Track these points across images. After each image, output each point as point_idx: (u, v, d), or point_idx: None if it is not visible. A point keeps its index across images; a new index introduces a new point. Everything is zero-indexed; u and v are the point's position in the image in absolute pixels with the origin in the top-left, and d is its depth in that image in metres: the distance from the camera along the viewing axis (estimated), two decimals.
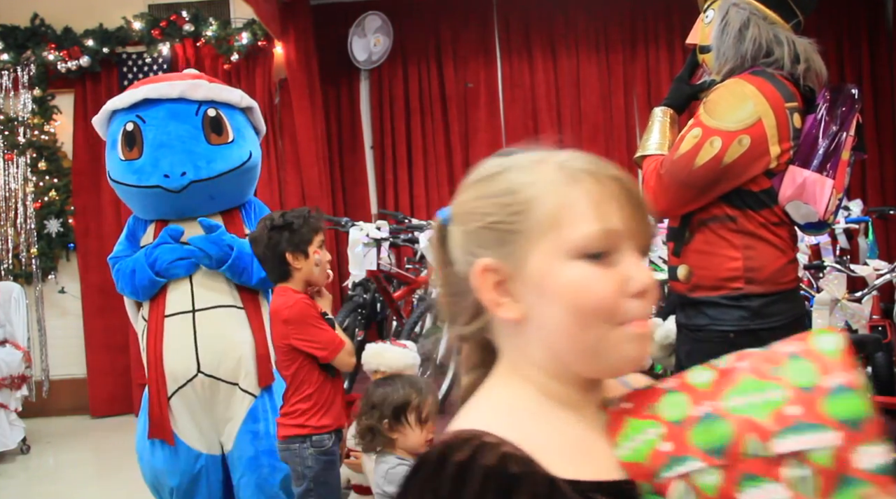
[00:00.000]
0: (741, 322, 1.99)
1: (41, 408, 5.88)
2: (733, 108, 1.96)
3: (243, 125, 3.13)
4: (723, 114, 1.97)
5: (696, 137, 1.97)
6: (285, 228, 2.49)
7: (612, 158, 5.44)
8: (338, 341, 2.49)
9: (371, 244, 4.32)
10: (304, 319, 2.46)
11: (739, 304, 1.99)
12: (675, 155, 2.01)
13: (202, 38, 5.96)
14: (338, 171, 6.64)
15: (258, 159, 3.18)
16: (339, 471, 2.59)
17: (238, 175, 3.06)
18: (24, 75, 5.98)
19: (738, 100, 1.97)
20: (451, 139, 6.64)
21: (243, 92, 3.21)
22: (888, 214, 5.35)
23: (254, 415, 2.98)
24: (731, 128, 1.94)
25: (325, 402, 2.51)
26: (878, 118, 6.35)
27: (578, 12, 6.59)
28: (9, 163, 6.00)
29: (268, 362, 2.98)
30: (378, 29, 6.54)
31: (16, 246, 6.01)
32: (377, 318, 4.72)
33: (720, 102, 1.99)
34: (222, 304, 2.99)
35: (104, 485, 4.68)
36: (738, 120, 1.94)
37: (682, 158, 1.98)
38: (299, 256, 2.50)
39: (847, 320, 3.16)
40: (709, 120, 1.98)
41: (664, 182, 2.03)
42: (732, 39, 2.04)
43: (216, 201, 3.08)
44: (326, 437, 2.49)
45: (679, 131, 2.15)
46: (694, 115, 2.05)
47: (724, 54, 2.05)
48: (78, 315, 6.12)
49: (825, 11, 6.35)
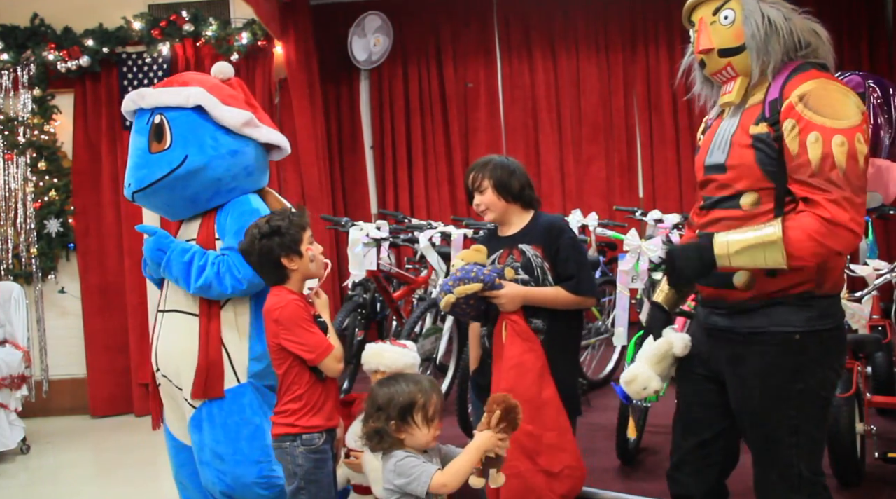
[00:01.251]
0: (808, 323, 1.96)
1: (41, 408, 5.89)
2: (844, 103, 1.89)
3: (192, 127, 2.96)
4: (840, 111, 1.88)
5: (842, 144, 1.85)
6: (274, 234, 2.51)
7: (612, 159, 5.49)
8: (325, 345, 2.48)
9: (371, 244, 4.32)
10: (293, 320, 2.47)
11: (807, 303, 1.96)
12: (840, 171, 1.85)
13: (202, 38, 5.96)
14: (338, 171, 6.64)
15: (201, 161, 2.93)
16: (331, 469, 2.59)
17: (175, 180, 2.93)
18: (24, 75, 5.98)
19: (841, 94, 1.90)
20: (451, 139, 6.65)
21: (199, 89, 3.01)
22: (888, 214, 5.33)
23: (195, 424, 2.96)
24: (856, 122, 1.87)
25: (315, 402, 2.52)
26: None
27: (578, 12, 6.59)
28: (9, 163, 6.00)
29: (210, 376, 2.89)
30: (378, 29, 6.54)
31: (16, 246, 6.01)
32: (377, 318, 4.72)
33: (832, 103, 1.89)
34: (179, 308, 3.00)
35: (104, 485, 4.68)
36: (856, 113, 1.88)
37: (851, 166, 1.85)
38: (293, 256, 2.52)
39: (847, 320, 3.15)
40: (834, 122, 1.86)
41: (856, 202, 1.86)
42: (777, 35, 1.99)
43: (181, 206, 3.05)
44: (317, 436, 2.50)
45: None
46: (803, 125, 1.89)
47: (769, 51, 1.99)
48: (78, 315, 6.13)
49: (825, 11, 6.36)
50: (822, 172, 1.86)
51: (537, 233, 2.71)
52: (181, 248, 2.93)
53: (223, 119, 2.99)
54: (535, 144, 6.63)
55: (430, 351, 4.34)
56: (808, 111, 1.88)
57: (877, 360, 3.70)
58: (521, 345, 2.58)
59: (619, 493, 3.12)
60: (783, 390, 1.97)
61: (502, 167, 2.74)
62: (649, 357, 2.17)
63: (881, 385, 3.68)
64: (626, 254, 3.84)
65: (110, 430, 5.76)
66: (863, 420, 3.08)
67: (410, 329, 4.21)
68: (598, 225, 5.06)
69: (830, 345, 2.00)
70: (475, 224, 4.65)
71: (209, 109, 2.98)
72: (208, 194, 3.00)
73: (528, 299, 2.61)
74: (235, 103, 3.06)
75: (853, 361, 3.12)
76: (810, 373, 1.97)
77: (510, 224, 2.77)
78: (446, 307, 2.60)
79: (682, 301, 2.39)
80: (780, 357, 1.97)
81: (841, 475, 2.99)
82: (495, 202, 2.72)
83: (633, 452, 3.41)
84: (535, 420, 2.50)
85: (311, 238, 2.58)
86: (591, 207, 5.73)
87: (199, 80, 3.10)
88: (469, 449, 2.12)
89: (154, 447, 5.31)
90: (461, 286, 2.55)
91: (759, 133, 1.96)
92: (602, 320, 4.83)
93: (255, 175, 3.10)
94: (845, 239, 1.86)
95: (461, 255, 2.70)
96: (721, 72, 2.08)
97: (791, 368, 1.97)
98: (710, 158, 2.11)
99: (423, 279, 4.93)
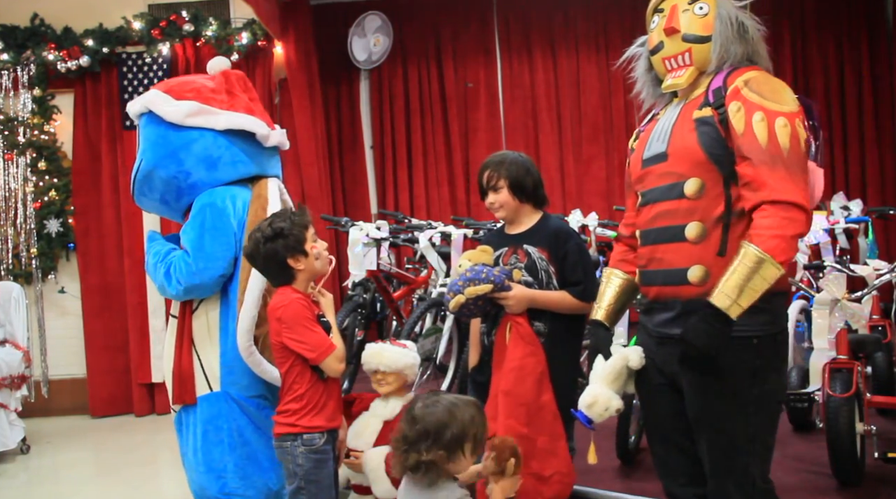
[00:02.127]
0: (763, 327, 1.91)
1: (41, 408, 5.89)
2: (784, 91, 1.93)
3: (145, 131, 2.98)
4: (781, 97, 1.92)
5: (784, 125, 1.87)
6: (278, 237, 2.49)
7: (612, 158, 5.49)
8: (327, 345, 2.47)
9: (371, 244, 4.32)
10: (296, 319, 2.46)
11: (764, 304, 1.86)
12: (784, 151, 1.86)
13: (202, 38, 5.96)
14: (338, 171, 6.64)
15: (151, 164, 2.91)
16: (332, 470, 2.58)
17: (140, 186, 2.99)
18: (24, 75, 5.99)
19: (780, 85, 1.95)
20: (451, 139, 6.65)
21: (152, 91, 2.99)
22: (888, 214, 5.35)
23: (177, 427, 2.96)
24: (795, 108, 1.91)
25: (317, 402, 2.51)
26: (877, 118, 6.35)
27: (578, 12, 6.59)
28: (9, 163, 6.00)
29: (182, 381, 2.85)
30: (378, 29, 6.54)
31: (16, 246, 6.01)
32: (377, 317, 4.72)
33: (776, 89, 1.93)
34: (174, 313, 3.00)
35: (104, 485, 4.68)
36: (794, 101, 1.92)
37: (794, 146, 1.86)
38: (299, 256, 2.51)
39: (847, 320, 3.15)
40: (776, 105, 1.90)
41: (800, 181, 1.85)
42: (739, 37, 2.02)
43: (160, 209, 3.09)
44: (318, 436, 2.50)
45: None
46: (748, 106, 1.91)
47: (730, 50, 2.01)
48: (78, 315, 6.13)
49: (825, 11, 6.36)
50: (768, 149, 1.87)
51: (544, 236, 2.71)
52: (154, 250, 2.93)
53: (167, 115, 2.91)
54: (535, 144, 6.63)
55: (430, 351, 4.34)
56: (753, 94, 1.91)
57: (877, 360, 3.70)
58: (523, 348, 2.57)
59: (619, 493, 3.12)
60: (741, 396, 1.92)
61: (518, 166, 2.74)
62: (605, 377, 2.12)
63: (881, 385, 3.68)
64: None
65: (110, 430, 5.76)
66: (863, 420, 3.08)
67: (410, 329, 4.20)
68: (598, 225, 5.06)
69: (781, 348, 1.98)
70: (475, 224, 4.66)
71: (154, 108, 2.94)
72: (172, 194, 2.97)
73: (534, 302, 2.61)
74: (194, 96, 2.95)
75: (853, 361, 3.12)
76: (766, 377, 1.93)
77: (519, 223, 2.77)
78: (455, 308, 2.59)
79: (621, 315, 2.36)
80: (738, 361, 1.91)
81: (841, 475, 2.99)
82: (509, 201, 2.72)
83: (633, 452, 3.41)
84: (530, 424, 2.51)
85: (314, 236, 2.58)
86: (591, 207, 5.74)
87: (161, 83, 3.09)
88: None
89: (154, 447, 5.31)
90: (471, 287, 2.54)
91: (703, 116, 1.97)
92: None
93: (220, 166, 2.93)
94: (799, 220, 1.84)
95: (468, 255, 2.69)
96: (676, 57, 2.07)
97: (749, 372, 1.91)
98: (647, 151, 2.10)
99: (423, 279, 4.93)
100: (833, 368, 3.06)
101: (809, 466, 3.22)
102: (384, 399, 2.96)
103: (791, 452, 3.37)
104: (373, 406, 2.97)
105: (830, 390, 2.99)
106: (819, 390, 3.18)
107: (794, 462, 3.27)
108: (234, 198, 2.89)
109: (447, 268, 4.51)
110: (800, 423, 3.67)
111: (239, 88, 3.09)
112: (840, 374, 3.03)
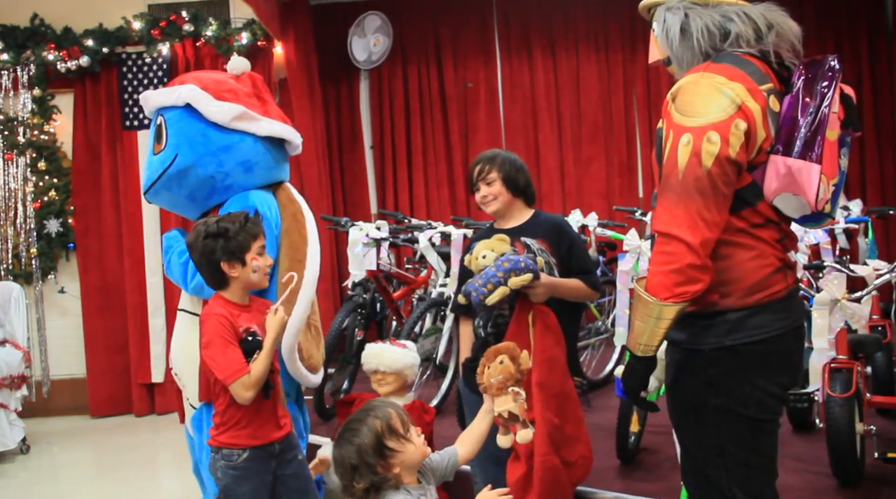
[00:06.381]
0: (717, 339, 1.82)
1: (41, 408, 5.89)
2: (708, 99, 1.75)
3: (182, 126, 2.95)
4: (699, 108, 1.75)
5: (687, 143, 1.74)
6: (220, 236, 2.38)
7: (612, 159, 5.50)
8: (236, 368, 2.31)
9: (371, 244, 4.31)
10: (211, 335, 2.34)
11: (713, 322, 1.81)
12: (680, 172, 1.75)
13: (202, 38, 5.96)
14: (338, 170, 6.64)
15: (190, 160, 2.91)
16: (257, 487, 2.44)
17: (169, 180, 2.94)
18: (24, 75, 5.98)
19: (710, 90, 1.77)
20: (450, 139, 6.65)
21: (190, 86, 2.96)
22: (888, 214, 5.34)
23: (195, 425, 2.95)
24: (714, 119, 1.73)
25: (238, 420, 2.40)
26: (878, 118, 6.35)
27: (578, 12, 6.59)
28: (8, 163, 6.00)
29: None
30: (378, 29, 6.54)
31: (16, 246, 6.01)
32: (377, 318, 4.72)
33: (693, 100, 1.77)
34: (185, 308, 3.00)
35: (104, 485, 4.69)
36: (720, 109, 1.74)
37: (691, 166, 1.73)
38: (235, 264, 2.39)
39: (847, 320, 3.15)
40: (688, 120, 1.76)
41: (689, 207, 1.73)
42: (679, 41, 1.89)
43: (184, 205, 3.07)
44: (237, 452, 2.40)
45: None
46: (669, 127, 1.81)
47: (682, 58, 1.90)
48: (78, 315, 6.13)
49: (825, 11, 6.36)
50: (665, 172, 1.78)
51: (543, 228, 2.71)
52: (180, 249, 2.92)
53: (211, 115, 2.93)
54: (535, 144, 6.63)
55: (429, 351, 4.34)
56: (673, 109, 1.80)
57: (877, 360, 3.70)
58: (551, 338, 2.55)
59: (619, 493, 3.12)
60: (698, 406, 1.87)
61: (510, 162, 2.75)
62: None
63: (881, 385, 3.68)
64: (626, 254, 3.84)
65: (110, 430, 5.76)
66: (863, 420, 3.08)
67: (410, 329, 4.20)
68: (598, 225, 5.06)
69: (752, 360, 1.82)
70: (475, 224, 4.65)
71: (198, 106, 2.94)
72: (204, 192, 2.98)
73: (556, 290, 2.59)
74: (232, 98, 2.99)
75: (853, 361, 3.12)
76: (726, 389, 1.83)
77: (511, 218, 2.77)
78: (497, 300, 2.45)
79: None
80: (690, 370, 1.87)
81: (841, 475, 2.99)
82: (503, 193, 2.72)
83: (633, 451, 3.41)
84: (560, 412, 2.53)
85: (261, 248, 2.46)
86: (591, 207, 5.73)
87: (194, 78, 3.07)
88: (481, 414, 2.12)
89: (154, 447, 5.32)
90: (514, 277, 2.44)
91: (658, 128, 1.91)
92: (602, 320, 4.83)
93: (256, 170, 3.00)
94: (677, 252, 1.72)
95: (487, 244, 2.59)
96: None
97: (703, 382, 1.85)
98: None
99: (422, 279, 4.93)
100: (833, 369, 3.06)
101: (809, 466, 3.22)
102: (384, 399, 2.97)
103: (791, 452, 3.37)
104: None
105: (830, 390, 2.99)
106: (819, 390, 3.18)
107: (794, 462, 3.27)
108: (269, 204, 2.95)
109: (447, 268, 4.51)
110: (800, 423, 3.67)
111: (265, 93, 3.17)
112: (840, 374, 3.03)
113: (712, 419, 1.86)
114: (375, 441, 1.93)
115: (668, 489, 3.05)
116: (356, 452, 1.93)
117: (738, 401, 1.84)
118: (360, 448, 1.93)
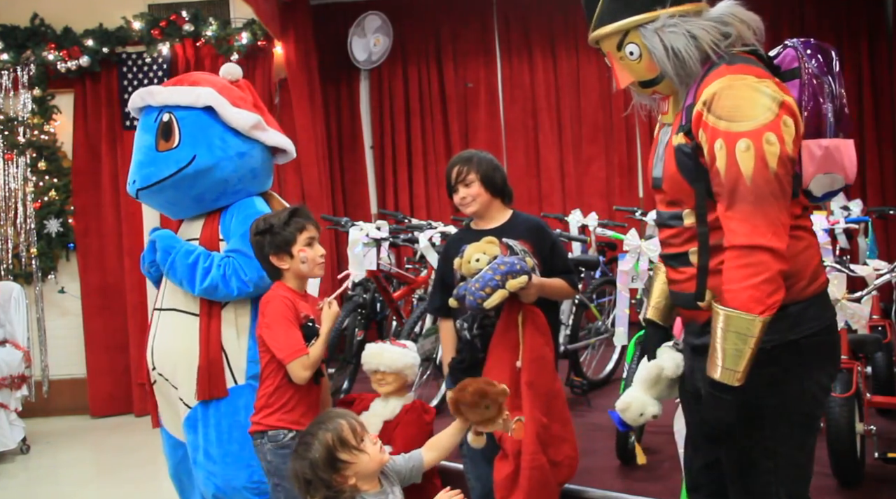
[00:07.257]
0: (780, 335, 1.76)
1: (41, 408, 5.89)
2: (751, 101, 1.72)
3: (201, 127, 2.96)
4: (746, 111, 1.72)
5: (747, 148, 1.70)
6: (266, 232, 2.55)
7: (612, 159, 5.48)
8: (297, 348, 2.44)
9: (371, 244, 4.31)
10: (274, 315, 2.48)
11: (779, 313, 1.72)
12: (747, 179, 1.70)
13: (202, 38, 5.96)
14: (338, 171, 6.64)
15: (209, 162, 2.94)
16: None
17: (182, 179, 2.94)
18: (24, 75, 5.99)
19: (749, 91, 1.74)
20: (451, 139, 6.65)
21: (209, 89, 3.00)
22: (888, 214, 5.35)
23: (190, 424, 2.95)
24: (765, 121, 1.70)
25: (284, 403, 2.49)
26: (878, 118, 6.35)
27: (578, 12, 6.51)
28: (9, 163, 6.00)
29: (212, 375, 2.88)
30: (378, 29, 6.54)
31: (16, 246, 6.01)
32: (377, 318, 4.72)
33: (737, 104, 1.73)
34: (178, 308, 3.00)
35: (104, 485, 4.69)
36: (766, 110, 1.71)
37: (759, 171, 1.69)
38: (283, 256, 2.55)
39: (847, 320, 3.15)
40: (738, 125, 1.71)
41: (768, 213, 1.69)
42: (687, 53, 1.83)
43: (186, 205, 3.07)
44: (283, 432, 2.47)
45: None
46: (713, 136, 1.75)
47: (687, 69, 1.85)
48: (78, 315, 6.13)
49: (825, 11, 6.36)
50: (727, 184, 1.73)
51: (524, 229, 2.73)
52: (185, 249, 2.93)
53: (233, 121, 2.99)
54: (534, 144, 6.62)
55: (429, 351, 4.34)
56: (713, 117, 1.75)
57: (877, 360, 3.70)
58: (540, 338, 2.58)
59: (618, 493, 3.12)
60: (755, 406, 1.78)
61: (487, 162, 2.76)
62: (643, 381, 2.05)
63: (881, 385, 3.68)
64: (626, 254, 3.85)
65: (110, 430, 5.76)
66: (863, 420, 3.07)
67: (410, 329, 4.20)
68: (598, 225, 5.06)
69: (810, 354, 1.81)
70: None
71: (219, 110, 2.98)
72: (214, 195, 3.01)
73: (544, 290, 2.61)
74: (244, 105, 3.06)
75: (853, 361, 3.12)
76: (785, 386, 1.79)
77: (490, 219, 2.77)
78: (497, 302, 2.45)
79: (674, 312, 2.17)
80: (751, 369, 1.75)
81: (841, 475, 2.99)
82: (482, 194, 2.73)
83: (633, 452, 3.41)
84: (549, 412, 2.55)
85: (309, 239, 2.56)
86: (591, 207, 5.73)
87: (208, 81, 3.09)
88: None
89: (154, 447, 5.30)
90: (511, 280, 2.45)
91: (680, 144, 1.84)
92: (602, 320, 4.83)
93: (260, 178, 3.11)
94: (764, 262, 1.68)
95: (479, 247, 2.58)
96: (651, 96, 2.00)
97: (764, 381, 1.77)
98: (653, 171, 2.01)
99: (422, 279, 4.93)
100: None
101: None
102: (384, 399, 2.97)
103: None
104: (373, 406, 2.97)
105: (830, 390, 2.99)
106: None
107: None
108: (266, 210, 3.02)
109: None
110: None
111: (259, 101, 3.22)
112: (840, 374, 3.02)
113: (769, 421, 1.81)
114: (327, 455, 1.96)
115: (668, 489, 3.05)
116: (309, 466, 1.97)
117: (795, 398, 1.81)
118: (313, 463, 1.96)
